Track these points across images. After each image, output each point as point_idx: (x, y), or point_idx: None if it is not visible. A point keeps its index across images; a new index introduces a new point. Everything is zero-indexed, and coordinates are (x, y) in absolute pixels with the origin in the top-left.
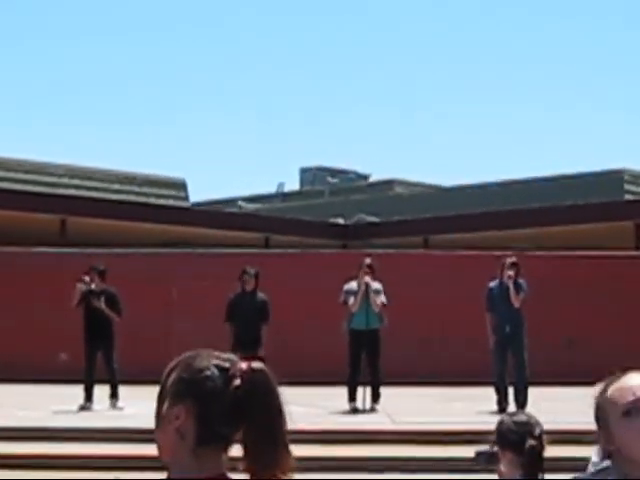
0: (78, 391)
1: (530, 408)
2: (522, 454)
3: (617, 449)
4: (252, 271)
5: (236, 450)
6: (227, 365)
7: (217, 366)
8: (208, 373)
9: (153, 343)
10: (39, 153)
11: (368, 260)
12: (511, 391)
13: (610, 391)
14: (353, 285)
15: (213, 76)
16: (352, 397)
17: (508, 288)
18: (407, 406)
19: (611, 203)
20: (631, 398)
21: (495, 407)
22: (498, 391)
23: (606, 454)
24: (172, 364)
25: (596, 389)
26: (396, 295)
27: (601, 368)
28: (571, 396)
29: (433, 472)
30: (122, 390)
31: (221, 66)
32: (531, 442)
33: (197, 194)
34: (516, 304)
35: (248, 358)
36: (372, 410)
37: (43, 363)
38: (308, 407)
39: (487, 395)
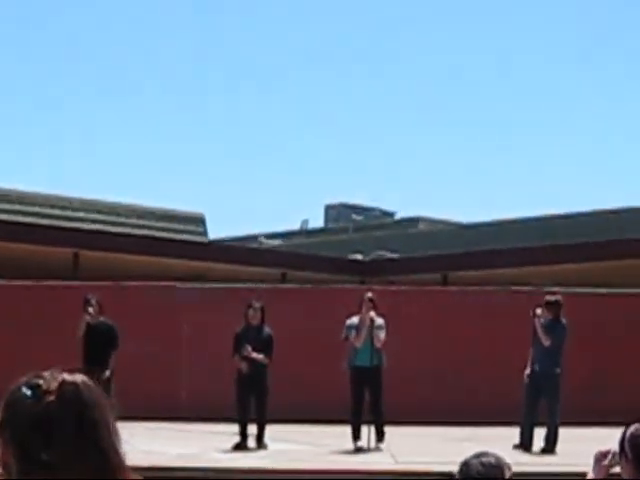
0: None
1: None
2: None
3: None
4: (257, 305)
5: None
6: (39, 382)
7: (28, 384)
8: (17, 394)
9: (162, 379)
10: (56, 186)
11: (369, 294)
12: (542, 433)
13: None
14: (355, 320)
15: (236, 113)
16: (356, 436)
17: (542, 326)
18: (414, 446)
19: (634, 240)
20: None
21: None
22: (522, 428)
23: None
24: None
25: None
26: (410, 331)
27: (630, 409)
28: (589, 437)
29: None
30: (128, 425)
31: (244, 101)
32: None
33: (221, 231)
34: (545, 343)
35: (73, 371)
36: (377, 449)
37: None
38: (311, 446)
39: (502, 435)
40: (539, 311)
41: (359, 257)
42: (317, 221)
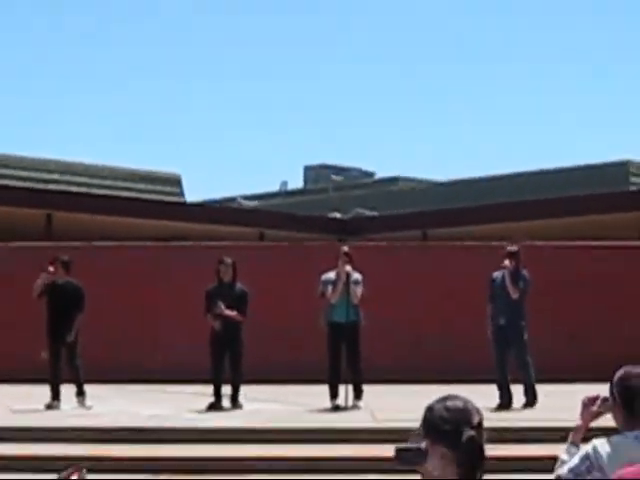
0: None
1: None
2: (457, 448)
3: None
4: (228, 261)
5: None
6: None
7: None
8: None
9: (138, 342)
10: (31, 149)
11: (346, 248)
12: (521, 389)
13: None
14: (331, 275)
15: (216, 74)
16: (333, 394)
17: (510, 277)
18: (394, 403)
19: (615, 194)
20: None
21: (494, 404)
22: (499, 386)
23: None
24: None
25: None
26: (391, 289)
27: (602, 363)
28: (560, 392)
29: (414, 473)
30: (104, 389)
31: (224, 64)
32: (469, 433)
33: (198, 193)
34: (513, 295)
35: None
36: (355, 407)
37: (24, 362)
38: (288, 405)
39: (485, 392)
40: (507, 262)
41: (338, 216)
42: (296, 182)
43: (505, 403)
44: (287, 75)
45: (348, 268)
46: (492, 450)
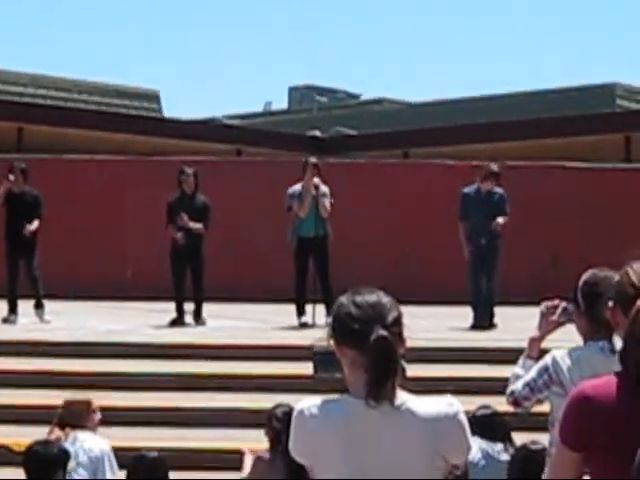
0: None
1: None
2: (366, 351)
3: None
4: (189, 171)
5: None
6: None
7: None
8: None
9: (107, 257)
10: (3, 61)
11: (313, 159)
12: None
13: None
14: (297, 188)
15: None
16: (300, 311)
17: (485, 195)
18: None
19: (600, 115)
20: None
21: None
22: (474, 308)
23: None
24: None
25: None
26: (368, 208)
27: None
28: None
29: None
30: (67, 305)
31: None
32: (380, 333)
33: (181, 113)
34: (502, 220)
35: None
36: (327, 325)
37: None
38: (256, 322)
39: (459, 313)
40: (489, 183)
41: (317, 134)
42: (281, 104)
43: (483, 323)
44: None
45: (316, 180)
46: (460, 370)
